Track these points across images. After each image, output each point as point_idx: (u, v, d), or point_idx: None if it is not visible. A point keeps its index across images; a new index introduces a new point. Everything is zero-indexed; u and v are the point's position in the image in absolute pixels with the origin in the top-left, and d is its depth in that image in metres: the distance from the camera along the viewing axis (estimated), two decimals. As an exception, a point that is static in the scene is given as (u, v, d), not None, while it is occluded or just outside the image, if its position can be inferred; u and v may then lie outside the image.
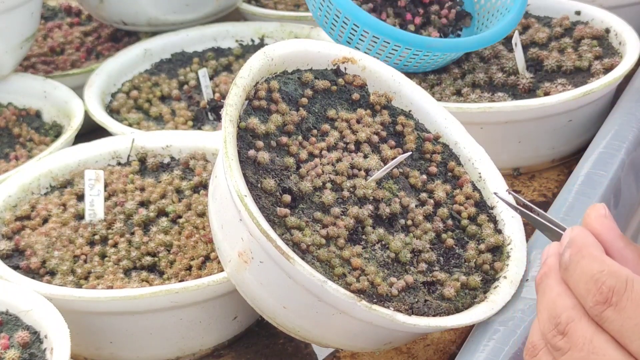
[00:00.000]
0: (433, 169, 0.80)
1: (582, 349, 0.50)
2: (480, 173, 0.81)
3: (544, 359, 0.52)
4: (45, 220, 0.91)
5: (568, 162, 1.08)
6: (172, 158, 0.99)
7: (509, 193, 0.69)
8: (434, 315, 0.69)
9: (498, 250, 0.76)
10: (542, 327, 0.52)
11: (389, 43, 0.98)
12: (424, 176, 0.79)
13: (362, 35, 0.99)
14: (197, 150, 0.99)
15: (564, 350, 0.51)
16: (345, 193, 0.73)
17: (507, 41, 1.13)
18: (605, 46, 1.12)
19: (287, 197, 0.70)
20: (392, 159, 0.76)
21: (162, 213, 0.91)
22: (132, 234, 0.88)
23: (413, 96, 0.84)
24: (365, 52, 0.91)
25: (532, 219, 0.64)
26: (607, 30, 1.15)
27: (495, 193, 0.72)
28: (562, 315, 0.51)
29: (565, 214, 0.82)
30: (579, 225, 0.55)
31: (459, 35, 1.15)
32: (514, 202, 0.68)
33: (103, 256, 0.86)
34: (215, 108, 1.15)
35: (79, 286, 0.82)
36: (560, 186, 1.01)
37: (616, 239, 0.53)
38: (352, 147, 0.77)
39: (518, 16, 1.06)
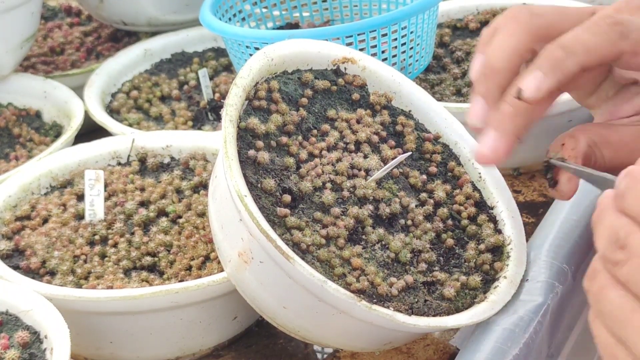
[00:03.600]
0: (433, 169, 0.80)
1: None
2: (480, 173, 0.81)
3: (603, 277, 0.51)
4: (45, 220, 0.91)
5: (568, 162, 1.08)
6: (172, 158, 0.99)
7: (558, 159, 0.69)
8: (434, 315, 0.69)
9: (498, 250, 0.76)
10: (602, 250, 0.52)
11: None
12: (424, 176, 0.79)
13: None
14: (197, 150, 0.99)
15: (623, 262, 0.50)
16: (345, 193, 0.73)
17: (507, 41, 1.13)
18: (605, 46, 1.12)
19: (287, 197, 0.70)
20: (392, 159, 0.76)
21: (162, 213, 0.91)
22: (132, 234, 0.88)
23: (413, 96, 0.84)
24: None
25: (586, 175, 0.64)
26: (607, 30, 1.14)
27: (548, 160, 0.70)
28: (620, 231, 0.50)
29: (567, 213, 0.82)
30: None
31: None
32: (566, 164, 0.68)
33: (103, 256, 0.86)
34: (215, 108, 1.15)
35: (79, 286, 0.82)
36: (560, 186, 1.01)
37: None
38: (352, 147, 0.77)
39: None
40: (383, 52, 0.96)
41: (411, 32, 0.97)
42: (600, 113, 0.72)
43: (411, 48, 0.98)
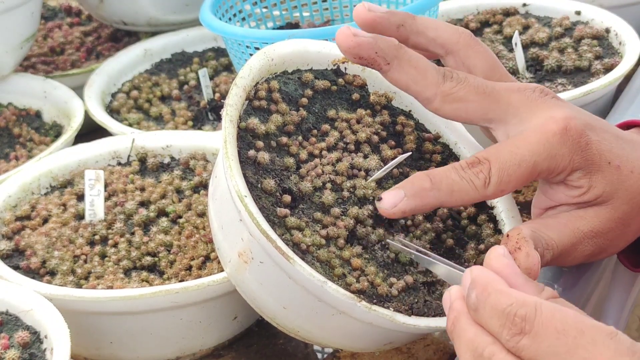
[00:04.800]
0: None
1: None
2: (480, 173, 0.81)
3: None
4: (45, 220, 0.91)
5: (568, 162, 1.08)
6: (172, 158, 0.99)
7: (400, 241, 0.70)
8: (434, 316, 0.69)
9: (498, 251, 0.76)
10: None
11: None
12: (424, 176, 0.79)
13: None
14: (197, 150, 0.99)
15: None
16: (345, 193, 0.73)
17: (508, 41, 1.13)
18: (605, 46, 1.12)
19: (287, 198, 0.70)
20: (392, 159, 0.76)
21: (162, 213, 0.91)
22: (132, 234, 0.88)
23: (413, 96, 0.84)
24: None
25: (425, 262, 0.67)
26: (607, 30, 1.15)
27: (388, 240, 0.72)
28: (484, 352, 0.52)
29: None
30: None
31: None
32: (405, 247, 0.69)
33: (103, 256, 0.86)
34: (216, 108, 1.15)
35: (79, 286, 0.82)
36: (560, 186, 1.01)
37: (516, 275, 0.56)
38: (352, 147, 0.77)
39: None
40: None
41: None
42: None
43: (411, 48, 0.98)
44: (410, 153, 0.78)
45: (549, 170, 0.67)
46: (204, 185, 0.94)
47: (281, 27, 1.17)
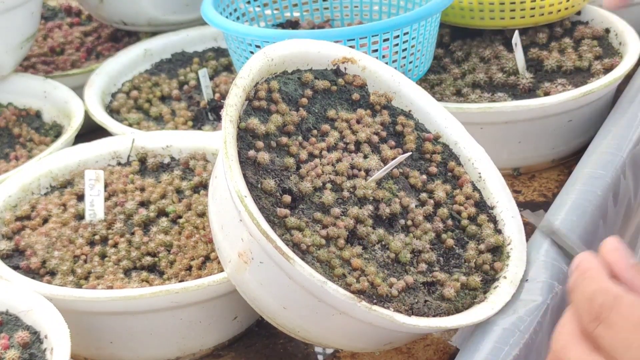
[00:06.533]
0: (433, 169, 0.80)
1: None
2: (480, 173, 0.81)
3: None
4: (45, 220, 0.91)
5: (568, 162, 1.08)
6: (172, 158, 0.99)
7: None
8: (434, 316, 0.69)
9: (498, 251, 0.76)
10: (579, 312, 0.54)
11: None
12: (424, 176, 0.79)
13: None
14: (197, 151, 0.99)
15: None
16: (345, 193, 0.73)
17: (508, 41, 1.13)
18: (605, 46, 1.12)
19: (287, 198, 0.70)
20: (392, 159, 0.76)
21: (162, 213, 0.91)
22: (132, 234, 0.88)
23: (413, 96, 0.84)
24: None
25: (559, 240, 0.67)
26: (607, 30, 1.15)
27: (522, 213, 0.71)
28: (560, 341, 0.53)
29: (566, 213, 0.82)
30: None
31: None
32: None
33: (103, 256, 0.86)
34: (215, 108, 1.15)
35: (79, 286, 0.82)
36: (560, 186, 1.01)
37: (627, 268, 0.55)
38: (352, 147, 0.77)
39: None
40: (384, 56, 0.96)
41: (412, 38, 0.97)
42: None
43: (412, 54, 0.99)
44: (410, 153, 0.78)
45: None
46: (204, 186, 0.94)
47: (281, 25, 1.17)
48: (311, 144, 0.75)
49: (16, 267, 0.85)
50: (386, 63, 0.96)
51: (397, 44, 0.96)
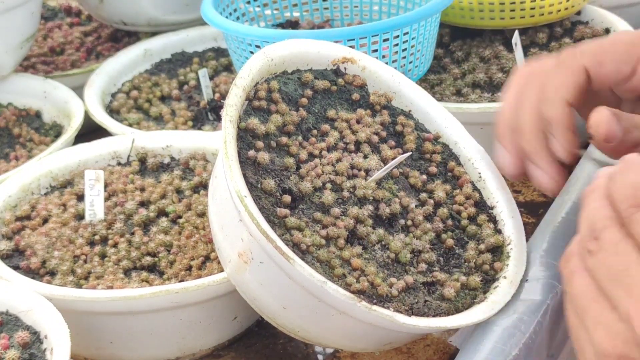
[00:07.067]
0: (433, 169, 0.80)
1: (607, 250, 0.52)
2: (480, 173, 0.81)
3: (575, 262, 0.54)
4: (45, 221, 0.91)
5: (568, 162, 1.08)
6: (172, 158, 0.99)
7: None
8: (434, 316, 0.69)
9: (498, 250, 0.76)
10: (581, 236, 0.54)
11: None
12: (424, 176, 0.79)
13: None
14: (197, 151, 0.99)
15: (592, 253, 0.53)
16: (345, 193, 0.73)
17: (508, 41, 1.13)
18: (605, 46, 1.12)
19: (287, 198, 0.70)
20: (392, 159, 0.76)
21: (162, 213, 0.91)
22: (132, 234, 0.88)
23: (413, 96, 0.84)
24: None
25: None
26: (607, 30, 1.15)
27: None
28: (598, 222, 0.53)
29: (566, 213, 0.82)
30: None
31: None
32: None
33: (103, 256, 0.86)
34: (215, 108, 1.15)
35: (79, 286, 0.82)
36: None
37: None
38: (352, 147, 0.77)
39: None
40: (384, 56, 0.96)
41: (412, 38, 0.97)
42: None
43: (412, 54, 0.99)
44: (410, 153, 0.78)
45: None
46: (203, 186, 0.94)
47: (280, 25, 1.17)
48: (311, 144, 0.76)
49: (16, 267, 0.85)
50: (386, 63, 0.96)
51: (397, 44, 0.96)
